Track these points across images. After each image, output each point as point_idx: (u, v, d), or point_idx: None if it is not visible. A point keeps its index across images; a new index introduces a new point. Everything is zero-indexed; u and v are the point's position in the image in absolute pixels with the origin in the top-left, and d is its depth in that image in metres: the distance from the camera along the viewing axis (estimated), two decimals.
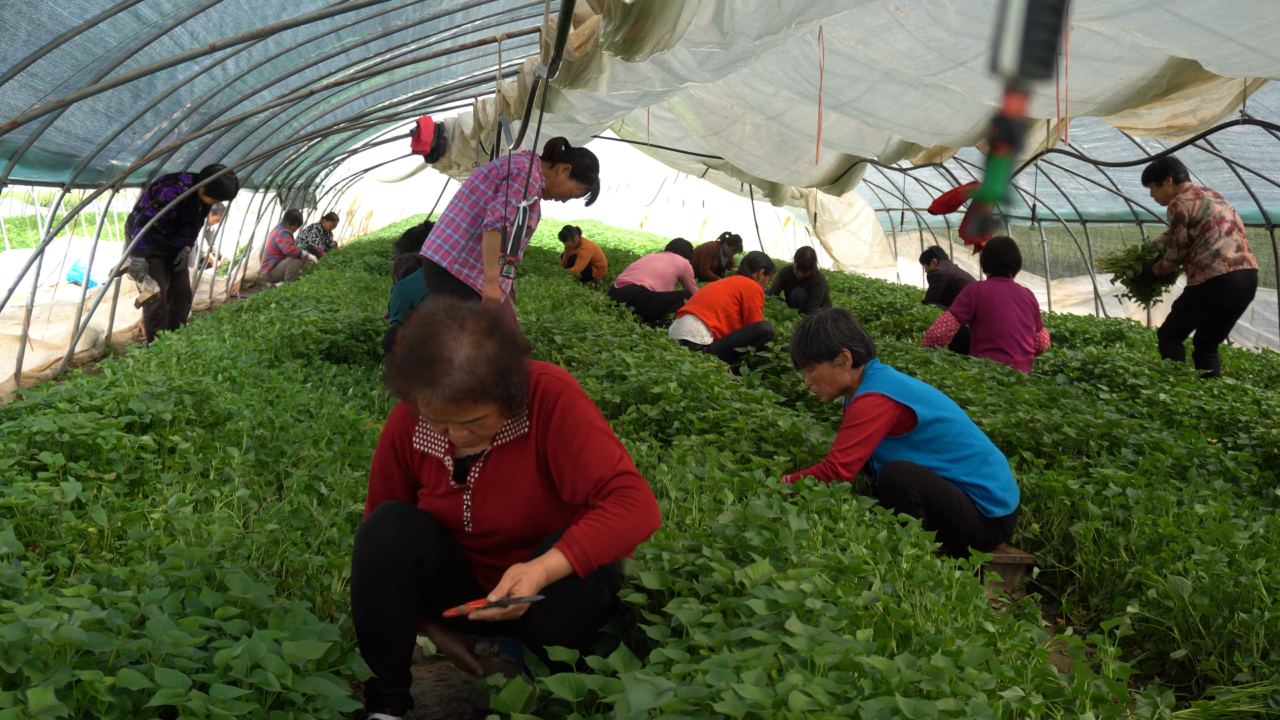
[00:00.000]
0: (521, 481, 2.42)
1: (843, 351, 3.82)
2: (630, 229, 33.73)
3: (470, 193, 5.25)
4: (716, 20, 4.69)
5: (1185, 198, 6.93)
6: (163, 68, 5.11)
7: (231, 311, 8.40)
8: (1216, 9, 4.35)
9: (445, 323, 2.24)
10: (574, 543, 2.21)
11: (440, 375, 2.19)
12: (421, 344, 2.22)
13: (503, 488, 2.42)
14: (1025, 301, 6.75)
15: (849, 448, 3.69)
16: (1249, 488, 4.31)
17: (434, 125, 11.55)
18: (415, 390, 2.22)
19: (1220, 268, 6.85)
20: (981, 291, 6.82)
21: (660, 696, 1.81)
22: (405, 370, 2.23)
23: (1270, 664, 2.68)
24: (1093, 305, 12.34)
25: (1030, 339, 6.76)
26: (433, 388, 2.19)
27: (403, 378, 2.24)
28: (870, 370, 3.85)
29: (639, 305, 9.28)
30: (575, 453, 2.35)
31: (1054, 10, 0.89)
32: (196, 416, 4.13)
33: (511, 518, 2.43)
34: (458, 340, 2.22)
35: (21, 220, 20.70)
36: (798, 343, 3.91)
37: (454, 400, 2.21)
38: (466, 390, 2.20)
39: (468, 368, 2.20)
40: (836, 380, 3.88)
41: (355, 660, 2.15)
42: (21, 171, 6.24)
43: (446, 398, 2.20)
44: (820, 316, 3.89)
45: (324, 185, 21.28)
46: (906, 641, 2.25)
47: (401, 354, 2.24)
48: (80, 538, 2.86)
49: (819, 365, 3.87)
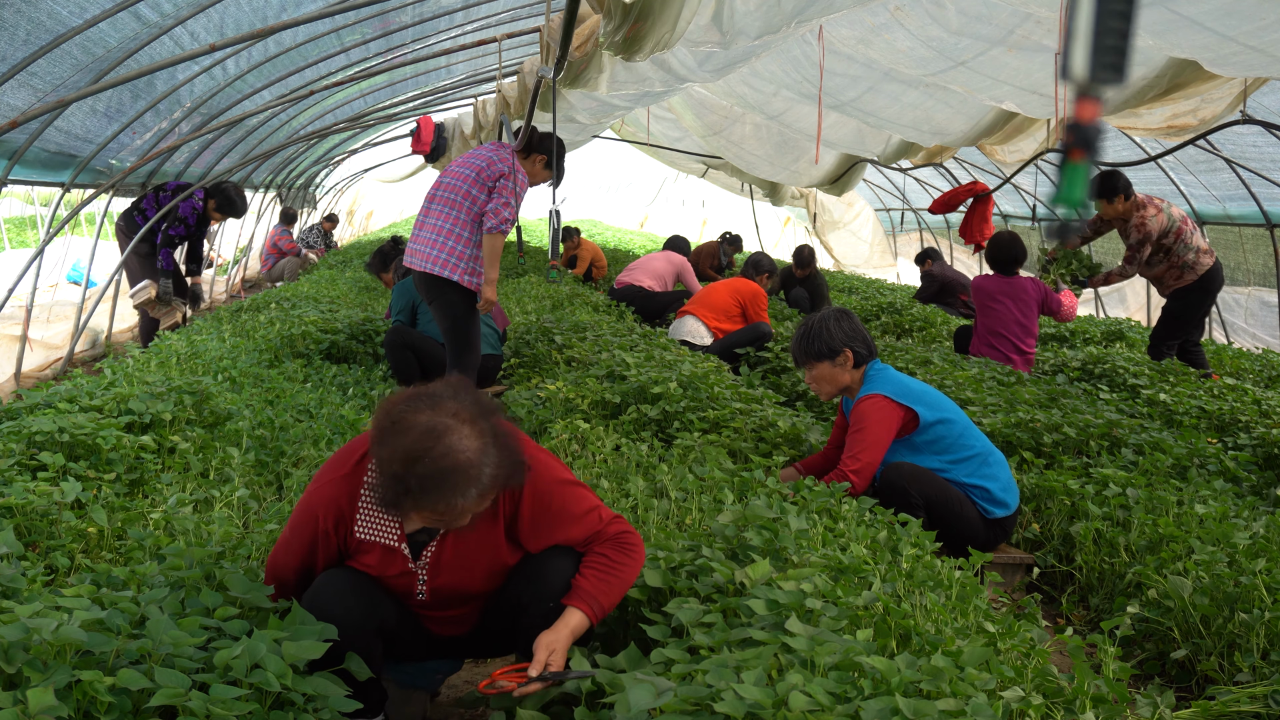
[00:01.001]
0: (485, 550, 2.32)
1: (844, 351, 3.81)
2: (630, 229, 33.72)
3: (459, 197, 5.12)
4: (716, 20, 4.69)
5: (1149, 214, 6.88)
6: (163, 67, 5.11)
7: (231, 311, 8.40)
8: (1218, 9, 4.35)
9: (440, 424, 2.04)
10: (591, 600, 2.25)
11: (469, 483, 2.03)
12: (426, 456, 2.01)
13: (463, 559, 2.31)
14: (1023, 299, 6.73)
15: (858, 453, 3.66)
16: (1249, 488, 4.31)
17: (434, 125, 11.54)
18: (438, 504, 2.03)
19: (1206, 260, 6.95)
20: (982, 287, 6.84)
21: (660, 696, 1.81)
22: (423, 487, 2.01)
23: (1270, 664, 2.68)
24: (1093, 305, 12.35)
25: (1030, 340, 6.75)
26: (463, 496, 2.03)
27: (421, 494, 2.02)
28: (871, 371, 3.84)
29: (638, 305, 9.28)
30: (555, 514, 2.30)
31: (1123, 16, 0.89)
32: (196, 416, 4.13)
33: (471, 582, 2.33)
34: (460, 436, 2.04)
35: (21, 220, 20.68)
36: (799, 341, 3.89)
37: (480, 499, 2.08)
38: (493, 485, 2.08)
39: (488, 463, 2.06)
40: (837, 380, 3.87)
41: (354, 660, 2.15)
42: (21, 171, 6.24)
43: (475, 500, 2.06)
44: (823, 315, 3.88)
45: (324, 185, 21.27)
46: (906, 641, 2.25)
47: (402, 472, 2.01)
48: (80, 538, 2.86)
49: (820, 364, 3.86)
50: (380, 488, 2.06)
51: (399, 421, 2.06)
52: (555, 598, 2.27)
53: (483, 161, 5.13)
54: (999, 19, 5.32)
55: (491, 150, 5.17)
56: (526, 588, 2.30)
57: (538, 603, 2.28)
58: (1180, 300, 7.08)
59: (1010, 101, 6.58)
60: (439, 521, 2.11)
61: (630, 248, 21.79)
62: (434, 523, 2.12)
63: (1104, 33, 0.89)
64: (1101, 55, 0.89)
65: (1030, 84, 6.13)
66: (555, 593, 2.27)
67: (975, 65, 5.97)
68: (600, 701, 2.05)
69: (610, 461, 4.02)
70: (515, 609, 2.32)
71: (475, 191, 5.10)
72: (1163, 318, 7.30)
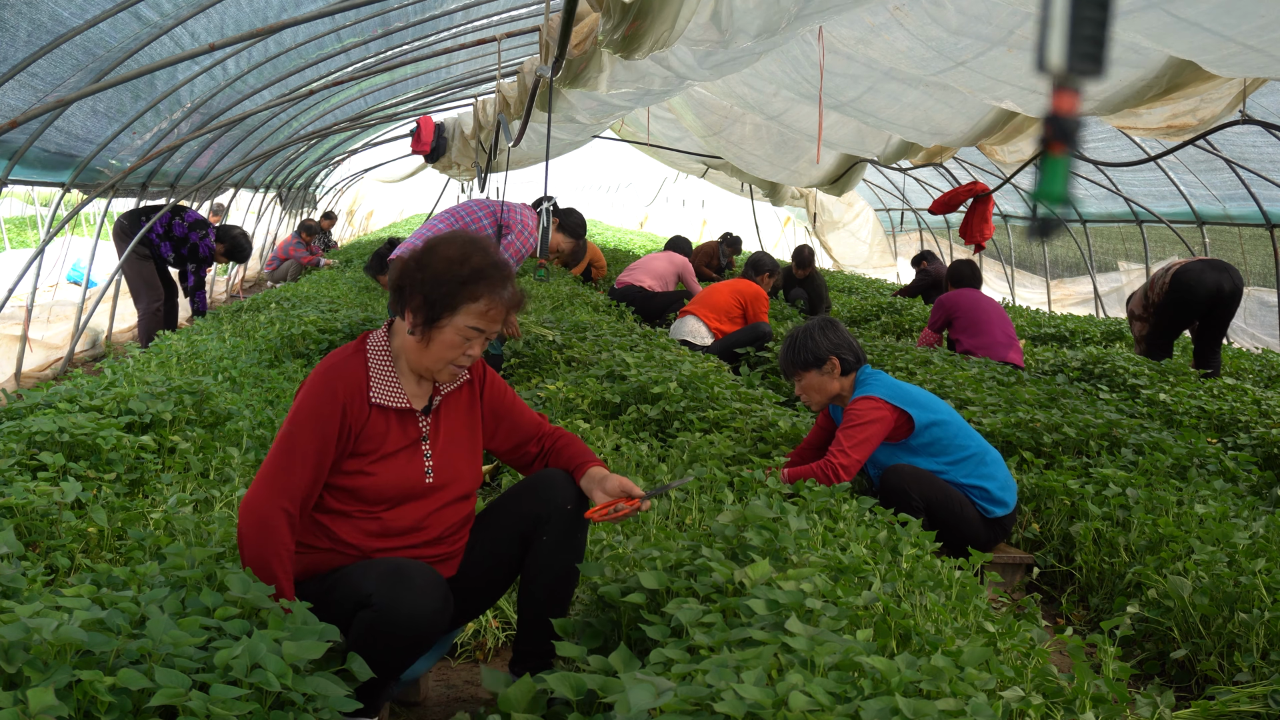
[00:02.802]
0: (470, 429, 2.53)
1: (830, 359, 3.83)
2: (630, 229, 33.72)
3: (471, 220, 5.31)
4: (715, 18, 4.68)
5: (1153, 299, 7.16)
6: (163, 67, 5.11)
7: (231, 311, 8.40)
8: (1216, 9, 4.35)
9: (475, 238, 2.41)
10: (596, 458, 2.57)
11: (510, 277, 2.37)
12: (473, 255, 2.34)
13: (455, 436, 2.49)
14: (1003, 314, 6.86)
15: (849, 448, 3.69)
16: (1249, 488, 4.31)
17: (434, 125, 11.56)
18: (493, 290, 2.32)
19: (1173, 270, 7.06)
20: (960, 301, 6.86)
21: (660, 696, 1.81)
22: (478, 274, 2.31)
23: (1270, 664, 2.68)
24: (1093, 305, 12.35)
25: (1014, 353, 6.80)
26: (507, 288, 2.35)
27: (476, 282, 2.31)
28: (863, 376, 3.86)
29: (639, 305, 9.27)
30: (510, 403, 2.60)
31: (1100, 5, 0.88)
32: (196, 416, 4.13)
33: (467, 464, 2.50)
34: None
35: (21, 220, 20.68)
36: (785, 353, 3.93)
37: (511, 303, 2.38)
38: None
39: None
40: (825, 388, 3.89)
41: (355, 660, 2.14)
42: (21, 171, 6.24)
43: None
44: (808, 326, 3.92)
45: (324, 185, 21.27)
46: (906, 641, 2.25)
47: (458, 267, 2.31)
48: (80, 538, 2.86)
49: (807, 374, 3.88)
50: (431, 293, 2.30)
51: (436, 244, 2.37)
52: (572, 502, 2.48)
53: (504, 206, 5.35)
54: (999, 19, 5.32)
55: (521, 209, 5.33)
56: (541, 502, 2.49)
57: (559, 510, 2.47)
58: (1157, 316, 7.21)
59: (1010, 101, 6.58)
60: (483, 321, 2.33)
61: (630, 248, 21.79)
62: (478, 325, 2.33)
63: (1080, 22, 0.88)
64: (1078, 46, 0.88)
65: (1030, 84, 6.12)
66: (571, 497, 2.48)
67: (975, 65, 5.96)
68: (600, 702, 2.05)
69: (610, 461, 4.02)
70: (535, 522, 2.47)
71: (483, 216, 5.25)
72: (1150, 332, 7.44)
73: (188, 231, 8.01)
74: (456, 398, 2.51)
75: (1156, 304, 7.18)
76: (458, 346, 2.35)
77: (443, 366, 2.38)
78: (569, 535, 2.48)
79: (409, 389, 2.43)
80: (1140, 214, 11.14)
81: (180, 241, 8.00)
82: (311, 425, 2.31)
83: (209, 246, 8.16)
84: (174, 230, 7.96)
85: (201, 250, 8.11)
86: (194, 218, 8.12)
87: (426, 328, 2.33)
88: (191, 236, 8.03)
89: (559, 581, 2.49)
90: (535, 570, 2.47)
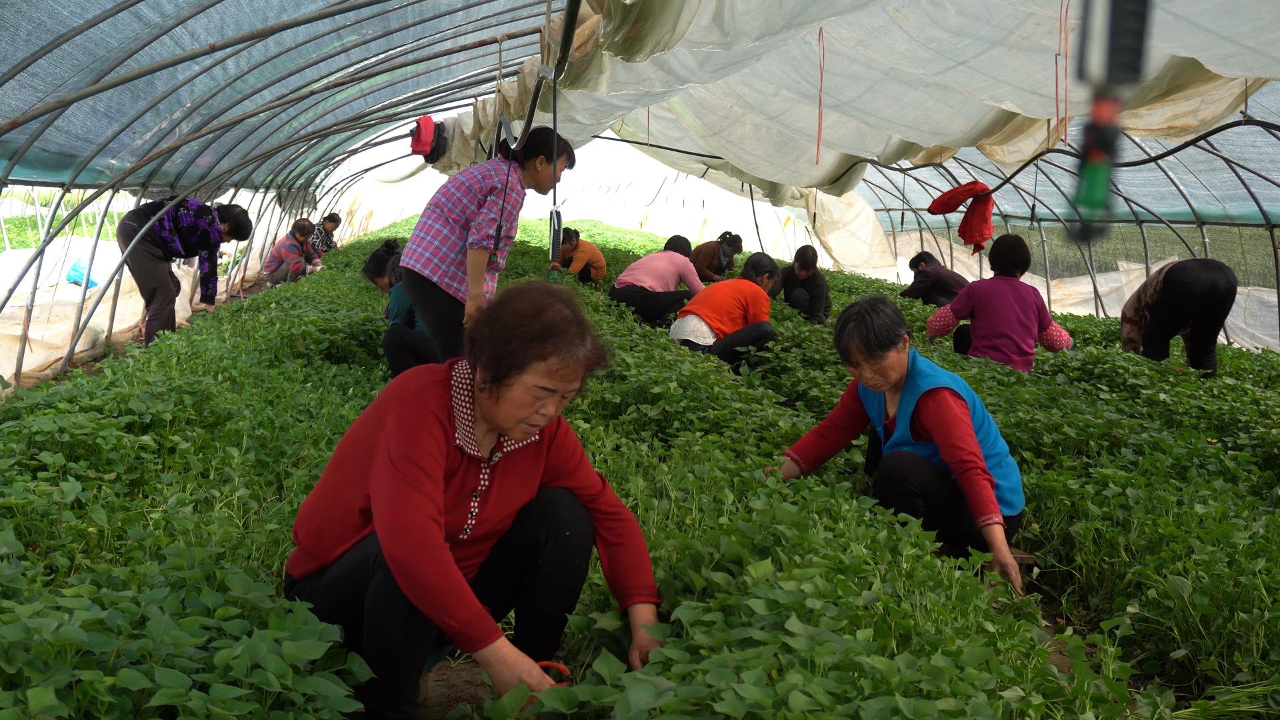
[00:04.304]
0: (526, 486, 2.42)
1: (904, 335, 3.72)
2: (630, 229, 33.72)
3: (451, 203, 5.06)
4: (717, 20, 4.68)
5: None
6: (163, 68, 5.11)
7: (231, 311, 8.40)
8: (1215, 9, 4.35)
9: (555, 290, 2.28)
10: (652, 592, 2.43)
11: (585, 334, 2.24)
12: (547, 309, 2.22)
13: (507, 493, 2.39)
14: (1027, 302, 6.73)
15: (967, 447, 3.52)
16: (1249, 488, 4.30)
17: (434, 125, 11.54)
18: (565, 348, 2.19)
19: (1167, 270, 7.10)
20: (982, 289, 6.81)
21: (660, 696, 1.81)
22: (551, 331, 2.19)
23: (1270, 664, 2.68)
24: (1093, 305, 12.35)
25: (1030, 340, 6.74)
26: (583, 346, 2.22)
27: (547, 339, 2.19)
28: (913, 355, 3.77)
29: (639, 305, 9.27)
30: (569, 453, 2.47)
31: (1137, 16, 0.89)
32: (196, 416, 4.13)
33: (504, 518, 2.41)
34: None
35: (21, 220, 20.68)
36: (863, 335, 3.68)
37: (588, 363, 2.24)
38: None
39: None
40: (901, 366, 3.74)
41: (355, 661, 2.14)
42: (21, 171, 6.24)
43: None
44: (868, 307, 3.74)
45: (324, 185, 21.26)
46: (906, 641, 2.25)
47: (530, 323, 2.19)
48: (80, 538, 2.86)
49: (888, 354, 3.69)
50: (499, 349, 2.19)
51: (510, 296, 2.26)
52: (571, 528, 2.38)
53: (479, 174, 5.04)
54: (999, 19, 5.32)
55: (491, 165, 5.11)
56: (541, 524, 2.39)
57: (556, 535, 2.37)
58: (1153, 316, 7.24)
59: (1010, 101, 6.58)
60: (554, 380, 2.20)
61: (630, 248, 21.79)
62: (548, 385, 2.20)
63: (1120, 33, 0.89)
64: (1118, 55, 0.89)
65: (1030, 84, 6.12)
66: (570, 523, 2.38)
67: (975, 65, 5.97)
68: (599, 702, 2.05)
69: (610, 461, 4.01)
70: (531, 546, 2.39)
71: (465, 201, 5.00)
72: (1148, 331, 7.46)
73: (195, 220, 8.10)
74: (522, 452, 2.40)
75: (1151, 304, 7.19)
76: (528, 405, 2.23)
77: (514, 425, 2.26)
78: (566, 561, 2.39)
79: (478, 433, 2.33)
80: (1140, 214, 11.14)
81: (190, 230, 8.09)
82: (427, 435, 2.22)
83: (218, 230, 8.30)
84: (181, 222, 8.03)
85: (212, 235, 8.24)
86: (197, 205, 8.21)
87: (495, 385, 2.21)
88: (200, 224, 8.12)
89: (552, 603, 2.42)
90: (531, 591, 2.42)
